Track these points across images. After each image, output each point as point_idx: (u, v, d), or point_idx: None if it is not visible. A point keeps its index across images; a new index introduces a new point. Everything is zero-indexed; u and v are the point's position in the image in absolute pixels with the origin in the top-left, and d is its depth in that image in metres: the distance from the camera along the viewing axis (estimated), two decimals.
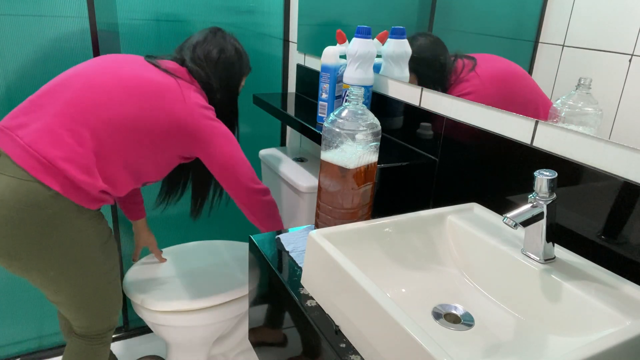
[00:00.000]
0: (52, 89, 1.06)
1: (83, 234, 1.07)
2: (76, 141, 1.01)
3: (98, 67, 1.10)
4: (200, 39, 1.23)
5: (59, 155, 0.99)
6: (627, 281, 0.66)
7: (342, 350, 0.66)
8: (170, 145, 1.12)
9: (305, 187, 1.31)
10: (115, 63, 1.12)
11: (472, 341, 0.67)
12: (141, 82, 1.08)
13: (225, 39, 1.25)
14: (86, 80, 1.06)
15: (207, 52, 1.21)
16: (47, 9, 1.34)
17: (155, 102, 1.07)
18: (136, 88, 1.07)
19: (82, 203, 1.04)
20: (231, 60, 1.24)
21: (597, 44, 0.71)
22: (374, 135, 0.82)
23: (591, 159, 0.73)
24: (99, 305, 1.17)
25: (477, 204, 0.89)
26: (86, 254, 1.09)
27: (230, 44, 1.25)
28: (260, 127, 1.80)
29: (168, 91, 1.10)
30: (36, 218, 0.99)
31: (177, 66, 1.18)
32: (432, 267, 0.82)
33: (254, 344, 1.00)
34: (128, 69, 1.10)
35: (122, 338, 1.75)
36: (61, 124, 1.01)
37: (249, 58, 1.31)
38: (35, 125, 1.01)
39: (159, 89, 1.09)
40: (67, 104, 1.03)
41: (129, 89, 1.07)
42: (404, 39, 1.10)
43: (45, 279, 1.07)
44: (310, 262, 0.76)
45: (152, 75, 1.11)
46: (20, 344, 1.64)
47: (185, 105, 1.10)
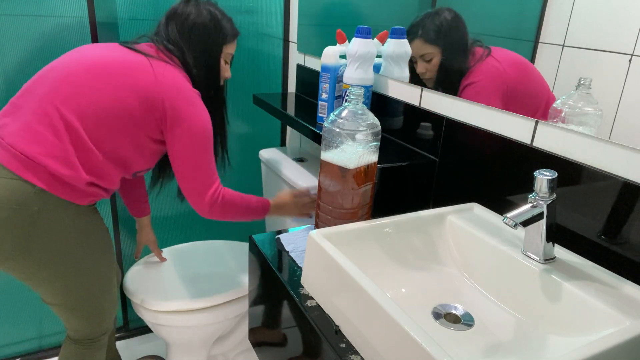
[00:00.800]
0: (29, 88, 1.06)
1: (73, 230, 1.05)
2: (54, 135, 1.00)
3: (68, 59, 1.08)
4: (172, 11, 1.15)
5: (39, 152, 0.98)
6: (627, 281, 0.66)
7: (342, 350, 0.66)
8: (143, 128, 1.06)
9: (305, 187, 1.31)
10: (89, 51, 1.09)
11: (472, 341, 0.67)
12: (108, 64, 1.04)
13: (198, 6, 1.15)
14: (56, 74, 1.04)
15: (179, 25, 1.12)
16: (47, 9, 1.34)
17: (122, 82, 1.03)
18: (103, 72, 1.03)
19: (70, 198, 1.03)
20: (205, 29, 1.13)
21: (597, 44, 0.71)
22: (374, 135, 0.82)
23: (591, 159, 0.73)
24: (94, 306, 1.15)
25: (477, 204, 0.89)
26: (78, 252, 1.07)
27: (204, 9, 1.14)
28: (260, 127, 1.80)
29: (136, 69, 1.04)
30: (23, 216, 0.98)
31: (149, 46, 1.12)
32: (432, 267, 0.82)
33: (254, 344, 1.00)
34: (98, 54, 1.06)
35: (122, 338, 1.75)
36: (38, 120, 1.00)
37: (231, 22, 1.19)
38: (15, 125, 1.01)
39: (127, 67, 1.04)
40: (41, 99, 1.02)
41: (95, 74, 1.03)
42: (404, 39, 1.10)
43: (39, 280, 1.06)
44: (310, 262, 0.76)
45: (122, 56, 1.06)
46: (20, 344, 1.64)
47: (156, 82, 1.04)
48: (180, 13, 1.14)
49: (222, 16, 1.17)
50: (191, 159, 1.09)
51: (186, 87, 1.08)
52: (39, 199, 0.99)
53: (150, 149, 1.10)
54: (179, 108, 1.05)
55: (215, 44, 1.16)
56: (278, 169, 1.43)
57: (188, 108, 1.06)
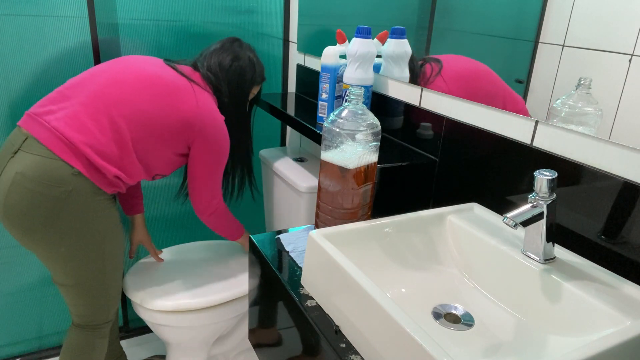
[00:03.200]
0: (80, 83, 1.16)
1: (97, 214, 1.14)
2: (98, 130, 1.10)
3: (122, 65, 1.20)
4: (217, 47, 1.32)
5: (81, 140, 1.09)
6: (627, 281, 0.66)
7: (342, 350, 0.66)
8: (176, 142, 1.20)
9: (305, 187, 1.31)
10: (138, 63, 1.22)
11: (472, 341, 0.67)
12: (160, 81, 1.18)
13: (241, 48, 1.33)
14: (111, 76, 1.16)
15: (221, 60, 1.29)
16: (47, 9, 1.34)
17: (169, 101, 1.17)
18: (155, 87, 1.17)
19: (99, 184, 1.13)
20: (243, 68, 1.32)
21: (597, 44, 0.71)
22: (374, 135, 0.82)
23: (591, 159, 0.73)
24: (102, 291, 1.22)
25: (477, 204, 0.89)
26: (97, 234, 1.15)
27: (245, 53, 1.33)
28: (260, 127, 1.80)
29: (182, 92, 1.19)
30: (56, 193, 1.07)
31: (192, 71, 1.27)
32: (432, 267, 0.82)
33: (254, 344, 1.00)
34: (150, 69, 1.20)
35: (122, 338, 1.75)
36: (86, 113, 1.11)
37: (263, 69, 1.38)
38: (61, 113, 1.11)
39: (175, 89, 1.18)
40: (93, 96, 1.12)
41: (145, 85, 1.16)
42: (404, 39, 1.10)
43: (56, 255, 1.13)
44: (310, 262, 0.76)
45: (169, 76, 1.20)
46: (20, 344, 1.64)
47: (197, 107, 1.19)
48: (225, 49, 1.32)
49: (257, 62, 1.36)
50: (209, 172, 1.27)
51: (217, 113, 1.24)
52: (74, 179, 1.08)
53: (174, 160, 1.25)
54: (209, 132, 1.22)
55: (249, 82, 1.34)
56: (278, 169, 1.43)
57: (215, 132, 1.23)
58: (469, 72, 0.94)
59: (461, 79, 0.95)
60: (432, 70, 1.01)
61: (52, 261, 1.15)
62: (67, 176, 1.07)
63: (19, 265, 1.53)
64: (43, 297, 1.59)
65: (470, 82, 0.93)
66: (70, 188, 1.08)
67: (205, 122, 1.20)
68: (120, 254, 1.24)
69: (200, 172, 1.26)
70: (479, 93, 0.90)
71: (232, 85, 1.31)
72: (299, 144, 1.70)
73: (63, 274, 1.17)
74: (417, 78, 1.06)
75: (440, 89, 0.99)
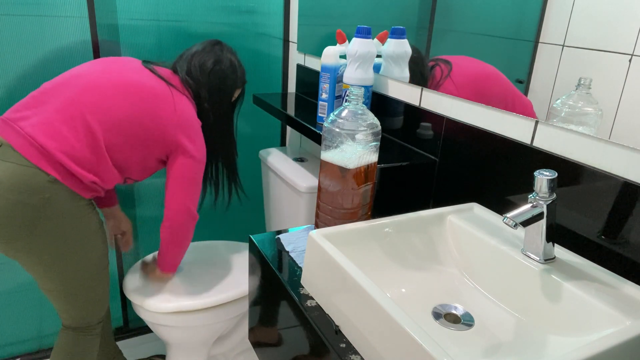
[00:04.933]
0: (54, 87, 1.14)
1: (77, 219, 1.13)
2: (73, 136, 1.09)
3: (98, 69, 1.18)
4: (198, 50, 1.29)
5: (56, 147, 1.07)
6: (627, 281, 0.66)
7: (342, 350, 0.66)
8: (154, 148, 1.19)
9: (305, 187, 1.31)
10: (115, 66, 1.19)
11: (472, 341, 0.67)
12: (138, 87, 1.16)
13: (222, 51, 1.30)
14: (87, 81, 1.14)
15: (202, 63, 1.27)
16: (47, 9, 1.34)
17: (147, 107, 1.15)
18: (132, 92, 1.15)
19: (77, 190, 1.12)
20: (225, 72, 1.29)
21: (597, 44, 0.71)
22: (374, 135, 0.82)
23: (591, 159, 0.73)
24: (88, 293, 1.21)
25: (477, 204, 0.89)
26: (79, 239, 1.15)
27: (226, 56, 1.30)
28: (260, 127, 1.80)
29: (161, 98, 1.17)
30: (34, 201, 1.05)
31: (171, 74, 1.25)
32: (432, 267, 0.82)
33: (254, 344, 1.00)
34: (126, 73, 1.18)
35: (122, 338, 1.75)
36: (61, 119, 1.09)
37: (244, 72, 1.36)
38: (36, 119, 1.09)
39: (153, 95, 1.16)
40: (68, 102, 1.11)
41: (125, 92, 1.14)
42: (404, 39, 1.10)
43: (39, 262, 1.12)
44: (310, 262, 0.76)
45: (148, 80, 1.18)
46: (20, 344, 1.64)
47: (175, 114, 1.18)
48: (206, 52, 1.28)
49: (238, 65, 1.33)
50: (187, 176, 1.23)
51: (195, 119, 1.23)
52: (50, 186, 1.07)
53: (151, 166, 1.24)
54: (187, 138, 1.20)
55: (230, 86, 1.32)
56: (278, 169, 1.43)
57: (193, 137, 1.21)
58: (479, 75, 0.92)
59: (471, 82, 0.94)
60: (442, 72, 0.99)
61: (35, 268, 1.14)
62: (44, 183, 1.06)
63: (18, 265, 1.53)
64: (43, 297, 1.58)
65: (480, 85, 0.91)
66: (47, 195, 1.06)
67: (184, 128, 1.19)
68: (104, 255, 1.24)
69: (181, 177, 1.22)
70: (489, 96, 0.89)
71: (213, 90, 1.28)
72: (299, 144, 1.70)
73: (48, 281, 1.16)
74: (427, 80, 1.04)
75: (450, 92, 0.97)
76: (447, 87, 0.98)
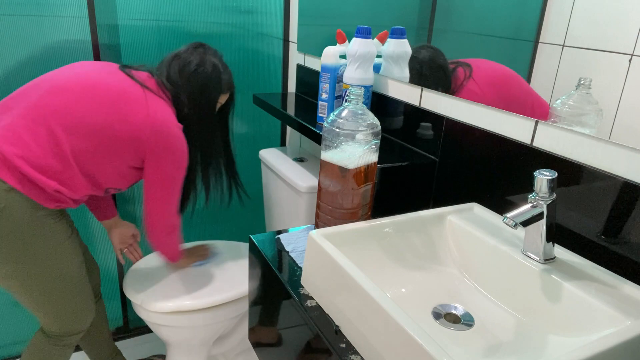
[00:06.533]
0: (22, 93, 1.10)
1: (38, 230, 1.07)
2: (34, 142, 1.03)
3: (67, 73, 1.11)
4: (179, 52, 1.21)
5: (15, 153, 1.02)
6: (627, 281, 0.66)
7: (342, 350, 0.66)
8: (127, 154, 1.12)
9: (305, 187, 1.31)
10: (86, 70, 1.13)
11: (472, 341, 0.67)
12: (106, 89, 1.09)
13: (205, 54, 1.22)
14: (53, 85, 1.08)
15: (182, 66, 1.19)
16: (47, 9, 1.34)
17: (117, 111, 1.08)
18: (99, 95, 1.08)
19: (38, 200, 1.06)
20: (207, 76, 1.20)
21: (597, 44, 0.71)
22: (374, 135, 0.82)
23: (591, 159, 0.73)
24: (59, 306, 1.17)
25: (477, 204, 0.89)
26: (40, 251, 1.09)
27: (209, 60, 1.21)
28: (260, 127, 1.80)
29: (132, 101, 1.10)
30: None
31: (148, 77, 1.17)
32: (432, 267, 0.82)
33: (254, 344, 1.00)
34: (96, 75, 1.11)
35: (122, 338, 1.75)
36: (23, 125, 1.04)
37: (231, 76, 1.27)
38: (0, 125, 1.05)
39: (123, 98, 1.09)
40: (31, 106, 1.06)
41: (91, 95, 1.07)
42: (404, 39, 1.10)
43: (2, 276, 1.08)
44: (310, 262, 0.76)
45: (119, 83, 1.11)
46: (20, 344, 1.64)
47: (148, 117, 1.10)
48: (185, 57, 1.20)
49: (223, 69, 1.24)
50: (164, 186, 1.17)
51: (171, 123, 1.13)
52: (7, 196, 1.02)
53: (129, 173, 1.16)
54: (163, 143, 1.12)
55: (213, 91, 1.23)
56: (278, 169, 1.43)
57: (168, 143, 1.12)
58: (501, 77, 0.88)
59: (494, 83, 0.89)
60: (465, 74, 0.95)
61: (1, 283, 1.10)
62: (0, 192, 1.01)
63: None
64: None
65: (502, 88, 0.88)
66: (2, 205, 1.01)
67: (157, 132, 1.10)
68: (75, 267, 1.18)
69: (159, 186, 1.16)
70: (511, 98, 0.85)
71: (194, 95, 1.20)
72: (299, 144, 1.70)
73: (16, 294, 1.12)
74: (450, 83, 0.99)
75: (474, 94, 0.93)
76: (471, 88, 0.93)
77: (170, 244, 1.28)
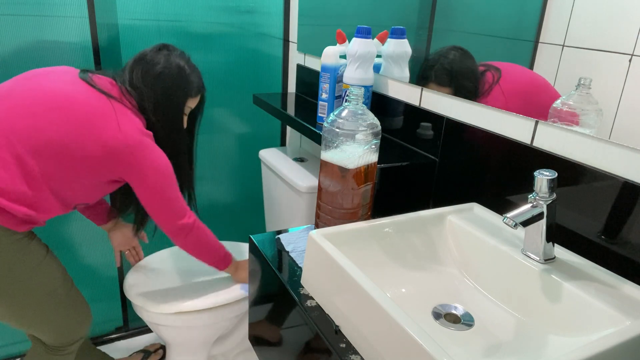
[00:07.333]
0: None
1: (14, 256, 1.04)
2: (2, 168, 0.98)
3: (28, 87, 1.05)
4: (142, 55, 1.15)
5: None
6: (627, 281, 0.66)
7: (342, 350, 0.66)
8: (100, 171, 1.06)
9: (305, 187, 1.31)
10: (47, 81, 1.06)
11: (472, 341, 0.67)
12: (71, 107, 1.02)
13: (169, 56, 1.15)
14: (14, 103, 1.02)
15: (145, 71, 1.12)
16: (47, 9, 1.34)
17: (85, 128, 1.01)
18: (67, 112, 1.01)
19: (9, 226, 1.01)
20: (171, 80, 1.13)
21: (597, 44, 0.71)
22: (374, 135, 0.82)
23: (591, 159, 0.73)
24: (51, 322, 1.15)
25: (477, 204, 0.89)
26: (20, 275, 1.05)
27: (174, 62, 1.14)
28: (260, 127, 1.80)
29: (100, 116, 1.03)
30: None
31: (110, 84, 1.11)
32: (432, 267, 0.82)
33: (254, 344, 1.00)
34: (60, 91, 1.04)
35: (122, 338, 1.75)
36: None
37: (200, 77, 1.20)
38: None
39: (91, 113, 1.03)
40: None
41: (59, 113, 1.01)
42: (404, 39, 1.10)
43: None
44: (310, 262, 0.76)
45: (83, 96, 1.04)
46: (20, 344, 1.64)
47: (120, 132, 1.04)
48: (148, 60, 1.13)
49: (190, 71, 1.16)
50: (161, 196, 1.11)
51: (143, 133, 1.08)
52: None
53: (101, 188, 1.12)
54: (140, 156, 1.06)
55: (179, 95, 1.16)
56: (278, 169, 1.43)
57: (146, 154, 1.07)
58: (529, 85, 0.84)
59: (521, 92, 0.85)
60: (493, 78, 0.90)
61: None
62: None
63: None
64: None
65: (531, 97, 0.83)
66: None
67: (131, 148, 1.04)
68: (60, 281, 1.14)
69: (153, 199, 1.11)
70: (539, 109, 0.81)
71: (159, 101, 1.13)
72: (299, 144, 1.70)
73: (9, 320, 1.10)
74: (478, 87, 0.93)
75: (498, 101, 0.88)
76: (495, 96, 0.89)
77: (200, 247, 1.21)
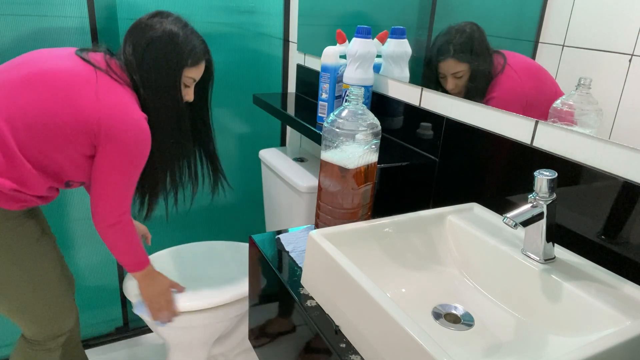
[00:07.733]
0: None
1: (5, 235, 1.02)
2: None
3: (12, 63, 1.03)
4: (135, 24, 1.06)
5: None
6: (627, 281, 0.66)
7: (342, 350, 0.66)
8: (78, 143, 1.00)
9: (305, 187, 1.31)
10: (34, 59, 1.03)
11: (472, 341, 0.67)
12: (49, 74, 0.98)
13: (161, 23, 1.05)
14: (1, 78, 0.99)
15: (136, 41, 1.03)
16: (47, 9, 1.34)
17: (63, 96, 0.97)
18: (41, 82, 0.97)
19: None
20: (160, 49, 1.03)
21: (597, 44, 0.71)
22: (374, 135, 0.82)
23: (591, 159, 0.73)
24: (36, 310, 1.13)
25: (477, 204, 0.89)
26: (12, 256, 1.04)
27: (165, 28, 1.04)
28: (260, 127, 1.80)
29: (81, 84, 0.98)
30: None
31: (102, 58, 1.05)
32: (432, 267, 0.82)
33: (254, 344, 1.00)
34: (42, 63, 1.00)
35: (122, 338, 1.75)
36: None
37: (200, 43, 1.09)
38: None
39: (71, 81, 0.98)
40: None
41: (32, 84, 0.97)
42: (404, 39, 1.10)
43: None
44: (310, 262, 0.76)
45: (67, 67, 1.00)
46: None
47: (96, 100, 0.97)
48: (142, 27, 1.05)
49: (185, 37, 1.05)
50: (115, 178, 1.04)
51: (128, 108, 1.01)
52: None
53: (86, 164, 1.05)
54: (114, 130, 0.99)
55: (171, 65, 1.05)
56: (278, 169, 1.43)
57: (121, 132, 0.99)
58: (536, 68, 0.82)
59: (531, 70, 0.83)
60: (504, 58, 0.89)
61: None
62: None
63: None
64: None
65: (538, 77, 0.82)
66: None
67: (108, 117, 0.98)
68: (49, 269, 1.12)
69: (105, 176, 1.03)
70: (545, 91, 0.80)
71: (149, 75, 1.03)
72: (299, 144, 1.70)
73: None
74: (492, 65, 0.92)
75: (514, 80, 0.87)
76: (510, 74, 0.87)
77: (117, 240, 1.11)
